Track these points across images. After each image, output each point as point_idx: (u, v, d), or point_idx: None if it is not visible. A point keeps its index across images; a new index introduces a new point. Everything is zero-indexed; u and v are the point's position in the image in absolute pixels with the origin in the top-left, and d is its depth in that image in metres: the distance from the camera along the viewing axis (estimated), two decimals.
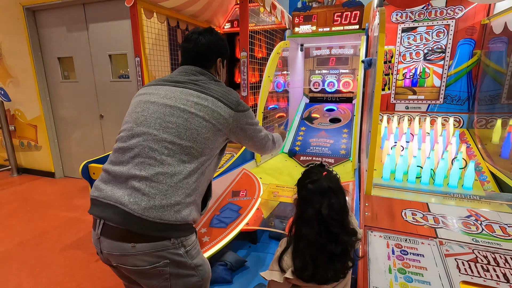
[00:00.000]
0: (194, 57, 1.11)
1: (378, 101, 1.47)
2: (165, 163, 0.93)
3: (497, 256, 1.04)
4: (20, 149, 4.41)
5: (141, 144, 0.94)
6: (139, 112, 1.01)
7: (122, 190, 0.91)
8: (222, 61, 1.19)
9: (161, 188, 0.91)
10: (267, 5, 2.45)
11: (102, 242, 0.93)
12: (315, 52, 3.54)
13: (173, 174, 0.93)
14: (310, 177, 0.97)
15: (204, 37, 1.11)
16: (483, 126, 2.30)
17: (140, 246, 0.89)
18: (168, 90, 1.03)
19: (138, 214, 0.87)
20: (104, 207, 0.91)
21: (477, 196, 1.52)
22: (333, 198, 0.91)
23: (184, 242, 0.95)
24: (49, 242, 2.55)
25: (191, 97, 1.01)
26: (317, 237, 0.89)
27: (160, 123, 0.96)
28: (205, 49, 1.11)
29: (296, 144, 3.07)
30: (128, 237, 0.89)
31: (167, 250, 0.91)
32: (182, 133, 0.96)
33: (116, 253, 0.92)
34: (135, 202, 0.88)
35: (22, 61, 3.91)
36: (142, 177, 0.91)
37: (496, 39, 2.22)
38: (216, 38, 1.14)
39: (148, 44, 2.70)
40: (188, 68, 1.10)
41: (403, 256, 1.08)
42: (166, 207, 0.90)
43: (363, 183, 1.60)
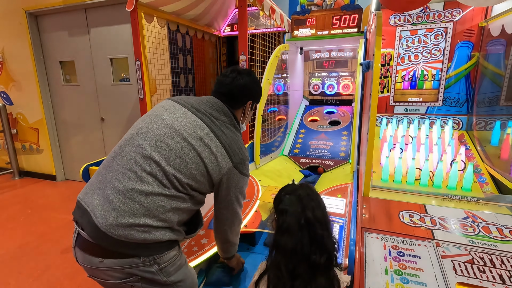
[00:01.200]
0: (227, 94, 1.09)
1: (375, 103, 1.48)
2: (143, 180, 0.89)
3: (493, 257, 1.04)
4: (21, 152, 4.43)
5: (130, 155, 0.93)
6: (147, 123, 1.00)
7: (99, 198, 0.89)
8: (252, 104, 1.18)
9: (132, 206, 0.87)
10: (266, 9, 2.47)
11: (76, 252, 0.94)
12: (315, 55, 3.56)
13: (148, 194, 0.88)
14: (285, 190, 0.97)
15: (242, 78, 1.11)
16: (482, 128, 2.30)
17: (107, 262, 0.87)
18: (183, 114, 1.01)
19: (104, 229, 0.84)
20: (82, 212, 0.90)
21: (475, 198, 1.52)
22: (313, 202, 0.90)
23: (157, 260, 0.91)
24: (49, 245, 2.56)
25: (198, 130, 0.98)
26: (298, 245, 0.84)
27: (156, 141, 0.94)
28: (240, 89, 1.10)
29: (296, 147, 3.07)
30: (97, 251, 0.87)
31: (137, 267, 0.88)
32: (171, 159, 0.93)
33: (87, 266, 0.91)
34: (104, 215, 0.85)
35: (24, 65, 3.95)
36: (118, 189, 0.88)
37: (494, 41, 2.23)
38: (253, 82, 1.15)
39: (149, 48, 2.73)
40: (217, 103, 1.07)
41: (400, 258, 1.08)
42: (134, 226, 0.85)
43: (361, 185, 1.61)
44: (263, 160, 2.65)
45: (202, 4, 3.01)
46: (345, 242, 1.33)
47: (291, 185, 1.00)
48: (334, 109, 3.43)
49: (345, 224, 1.47)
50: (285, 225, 0.88)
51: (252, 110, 1.21)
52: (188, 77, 3.51)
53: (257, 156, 2.54)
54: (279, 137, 3.11)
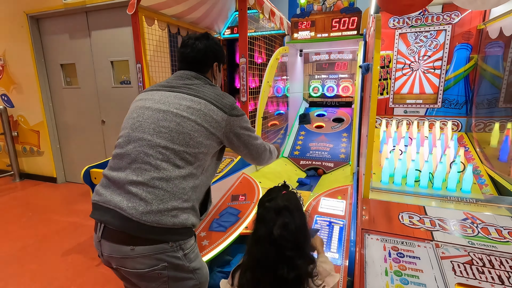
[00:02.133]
0: (191, 62, 1.13)
1: (374, 106, 1.50)
2: (160, 168, 0.94)
3: (492, 258, 1.05)
4: (22, 155, 4.45)
5: (137, 150, 0.96)
6: (135, 118, 1.03)
7: (121, 195, 0.92)
8: (219, 66, 1.21)
9: (158, 193, 0.92)
10: (266, 12, 2.49)
11: (103, 245, 0.95)
12: (314, 57, 3.58)
13: (168, 179, 0.94)
14: (270, 194, 0.95)
15: (200, 42, 1.13)
16: (481, 129, 2.31)
17: (139, 249, 0.90)
18: (163, 95, 1.05)
19: (136, 218, 0.88)
20: (104, 211, 0.93)
21: (474, 199, 1.53)
22: (287, 218, 0.84)
23: (182, 246, 0.96)
24: (50, 247, 2.56)
25: (183, 101, 1.02)
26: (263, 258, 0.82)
27: (154, 128, 0.98)
28: (202, 54, 1.13)
29: (296, 149, 3.08)
30: (127, 240, 0.91)
31: (165, 253, 0.93)
32: (175, 138, 0.97)
33: (116, 256, 0.93)
34: (133, 207, 0.89)
35: (25, 68, 3.97)
36: (139, 182, 0.92)
37: (493, 43, 2.24)
38: (213, 43, 1.16)
39: (149, 50, 2.75)
40: (183, 73, 1.12)
41: (400, 259, 1.09)
42: (163, 211, 0.91)
43: (361, 186, 1.62)
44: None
45: (202, 7, 3.04)
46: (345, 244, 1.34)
47: (276, 190, 0.98)
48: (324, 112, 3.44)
49: (345, 226, 1.48)
50: (257, 233, 0.87)
51: (220, 71, 1.24)
52: None
53: None
54: (279, 139, 3.12)
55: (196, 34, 1.17)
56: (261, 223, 0.88)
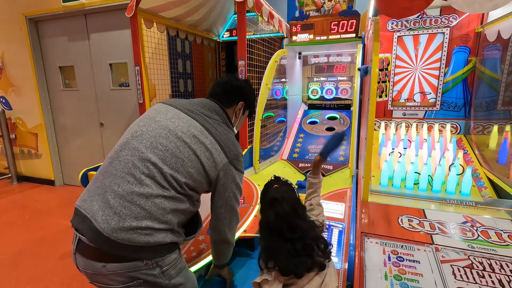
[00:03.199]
0: (219, 93, 1.13)
1: (373, 108, 1.49)
2: (142, 183, 0.89)
3: (492, 262, 1.04)
4: (20, 157, 4.42)
5: (127, 159, 0.93)
6: (141, 126, 1.00)
7: (99, 204, 0.89)
8: (244, 108, 1.19)
9: (133, 209, 0.87)
10: (265, 15, 2.49)
11: (77, 258, 0.93)
12: (313, 60, 3.58)
13: (148, 196, 0.89)
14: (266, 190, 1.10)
15: (237, 80, 1.17)
16: (480, 132, 2.31)
17: (110, 266, 0.87)
18: (176, 115, 1.02)
19: (107, 234, 0.84)
20: (82, 218, 0.90)
21: (473, 202, 1.52)
22: (277, 207, 0.97)
23: (159, 262, 0.91)
24: (47, 250, 2.54)
25: (192, 129, 0.99)
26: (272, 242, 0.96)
27: (152, 142, 0.95)
28: (233, 88, 1.15)
29: (295, 151, 3.08)
30: (99, 256, 0.87)
31: (139, 270, 0.89)
32: (168, 158, 0.93)
33: (89, 271, 0.91)
34: (105, 220, 0.85)
35: (24, 70, 3.96)
36: (118, 194, 0.88)
37: (491, 46, 2.25)
38: (247, 85, 1.20)
39: (148, 53, 2.75)
40: (208, 102, 1.10)
41: (399, 263, 1.08)
42: (136, 229, 0.86)
43: (360, 189, 1.61)
44: (262, 165, 2.66)
45: (201, 10, 3.04)
46: (344, 247, 1.33)
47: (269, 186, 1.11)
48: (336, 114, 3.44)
49: (345, 229, 1.47)
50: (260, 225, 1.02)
51: (244, 114, 1.22)
52: (188, 82, 3.53)
53: (256, 161, 2.54)
54: (278, 141, 3.12)
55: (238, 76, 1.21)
56: (262, 215, 1.03)
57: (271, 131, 2.91)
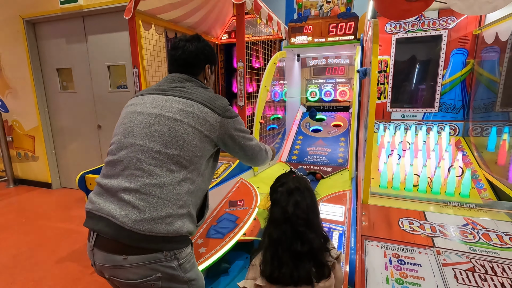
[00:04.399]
0: (182, 65, 1.10)
1: (373, 110, 1.49)
2: (153, 173, 0.91)
3: (494, 265, 1.03)
4: (17, 160, 4.39)
5: (129, 156, 0.93)
6: (127, 123, 1.00)
7: (114, 203, 0.90)
8: (210, 67, 1.18)
9: (151, 200, 0.89)
10: (263, 17, 2.49)
11: (96, 254, 0.93)
12: (312, 62, 3.58)
13: (162, 185, 0.91)
14: (280, 180, 1.03)
15: (191, 44, 1.10)
16: (479, 134, 2.31)
17: (131, 259, 0.88)
18: (154, 99, 1.02)
19: (129, 227, 0.86)
20: (97, 219, 0.91)
21: (473, 205, 1.52)
22: (299, 196, 0.93)
23: (177, 255, 0.93)
24: (44, 254, 2.51)
25: (176, 104, 0.99)
26: (281, 236, 0.90)
27: (146, 133, 0.95)
28: (193, 56, 1.10)
29: (294, 153, 3.07)
30: (120, 249, 0.88)
31: (159, 262, 0.90)
32: (168, 141, 0.94)
33: (108, 265, 0.91)
34: (125, 215, 0.87)
35: (21, 72, 3.93)
36: (132, 189, 0.89)
37: (488, 48, 2.26)
38: (204, 45, 1.13)
39: (146, 55, 2.73)
40: (175, 75, 1.10)
41: (401, 266, 1.07)
42: (157, 219, 0.88)
43: (360, 192, 1.60)
44: (261, 168, 2.65)
45: (199, 12, 3.04)
46: (345, 250, 1.32)
47: (286, 175, 1.05)
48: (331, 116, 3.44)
49: (345, 232, 1.46)
50: (273, 216, 0.95)
51: (212, 73, 1.21)
52: None
53: None
54: (277, 143, 3.11)
55: (187, 36, 1.14)
56: (276, 206, 0.96)
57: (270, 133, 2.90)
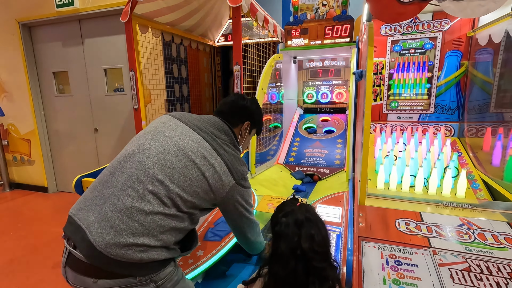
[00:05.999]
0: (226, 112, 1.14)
1: (368, 112, 1.50)
2: (144, 199, 0.87)
3: (490, 264, 1.04)
4: (12, 164, 4.35)
5: (131, 172, 0.91)
6: (149, 139, 0.99)
7: (96, 215, 0.87)
8: (250, 127, 1.20)
9: (132, 225, 0.85)
10: (260, 20, 2.50)
11: (67, 272, 0.90)
12: (308, 64, 3.60)
13: (148, 213, 0.87)
14: (283, 209, 0.91)
15: (244, 100, 1.18)
16: (474, 134, 2.34)
17: (101, 282, 0.84)
18: (185, 132, 1.01)
19: (100, 249, 0.82)
20: (76, 228, 0.87)
21: (469, 205, 1.53)
22: (313, 229, 0.82)
23: (153, 278, 0.89)
24: (40, 259, 2.49)
25: (202, 149, 0.98)
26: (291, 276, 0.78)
27: (160, 158, 0.93)
28: (240, 108, 1.16)
29: (291, 155, 3.08)
30: (90, 271, 0.85)
31: (132, 287, 0.86)
32: (175, 177, 0.92)
33: (79, 287, 0.88)
34: (100, 233, 0.83)
35: (16, 76, 3.92)
36: (117, 207, 0.86)
37: (482, 50, 2.29)
38: (255, 106, 1.21)
39: (143, 58, 2.74)
40: (217, 121, 1.09)
41: (397, 267, 1.08)
42: (131, 246, 0.84)
43: (357, 193, 1.61)
44: (258, 169, 2.65)
45: (196, 15, 3.05)
46: (342, 252, 1.32)
47: (290, 204, 0.95)
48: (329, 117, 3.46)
49: (342, 233, 1.47)
50: (279, 251, 0.82)
51: (250, 133, 1.23)
52: (183, 87, 3.52)
53: (253, 165, 2.53)
54: (274, 145, 3.12)
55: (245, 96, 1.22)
56: (281, 240, 0.83)
57: (267, 135, 2.91)
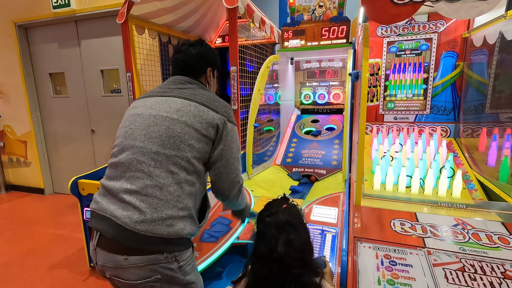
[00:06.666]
0: (184, 67, 1.12)
1: (364, 113, 1.51)
2: (152, 175, 0.92)
3: (483, 264, 1.05)
4: (9, 166, 4.33)
5: (130, 158, 0.95)
6: (128, 126, 1.01)
7: (116, 204, 0.92)
8: (213, 71, 1.19)
9: (151, 201, 0.90)
10: (256, 21, 2.51)
11: (98, 253, 0.94)
12: (305, 65, 3.61)
13: (161, 187, 0.91)
14: (269, 209, 0.90)
15: (194, 48, 1.12)
16: (469, 135, 2.35)
17: (132, 259, 0.89)
18: (154, 101, 1.03)
19: (130, 227, 0.87)
20: (100, 219, 0.93)
21: (464, 205, 1.54)
22: (292, 234, 0.80)
23: (177, 257, 0.94)
24: (36, 261, 2.47)
25: (174, 104, 1.00)
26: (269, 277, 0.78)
27: (145, 134, 0.96)
28: (195, 59, 1.12)
29: (288, 156, 3.08)
30: (121, 249, 0.89)
31: (159, 264, 0.90)
32: (165, 142, 0.94)
33: (110, 265, 0.92)
34: (127, 215, 0.88)
35: (13, 77, 3.90)
36: (133, 190, 0.91)
37: (477, 51, 2.30)
38: (206, 49, 1.15)
39: (140, 59, 2.73)
40: (176, 78, 1.11)
41: (392, 267, 1.08)
42: (158, 220, 0.89)
43: (353, 194, 1.61)
44: (255, 170, 2.65)
45: (193, 16, 3.05)
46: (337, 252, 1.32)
47: (276, 204, 0.94)
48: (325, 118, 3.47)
49: (338, 234, 1.47)
50: (259, 251, 0.83)
51: (214, 77, 1.21)
52: None
53: (249, 166, 2.53)
54: (271, 146, 3.12)
55: (190, 40, 1.17)
56: (262, 240, 0.84)
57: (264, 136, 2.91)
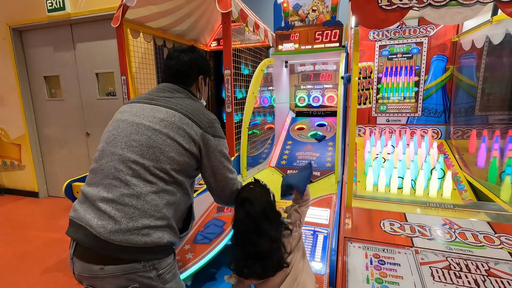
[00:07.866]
0: (174, 74, 1.10)
1: (354, 115, 1.54)
2: (130, 183, 0.90)
3: (469, 263, 1.08)
4: (2, 169, 4.30)
5: (109, 165, 0.93)
6: (111, 131, 1.00)
7: (93, 212, 0.90)
8: (204, 79, 1.17)
9: (127, 210, 0.88)
10: (250, 25, 2.54)
11: (75, 263, 0.93)
12: (300, 69, 3.65)
13: (139, 196, 0.89)
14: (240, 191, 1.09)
15: (186, 55, 1.10)
16: (460, 137, 2.39)
17: (108, 268, 0.87)
18: (140, 108, 1.01)
19: (104, 238, 0.85)
20: (77, 227, 0.91)
21: (452, 205, 1.57)
22: (248, 207, 0.98)
23: (156, 265, 0.92)
24: (30, 265, 2.46)
25: (158, 114, 0.98)
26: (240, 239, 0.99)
27: (126, 142, 0.95)
28: (187, 66, 1.10)
29: (283, 158, 3.10)
30: (97, 259, 0.88)
31: (137, 272, 0.89)
32: (145, 152, 0.93)
33: (86, 275, 0.90)
34: (102, 225, 0.86)
35: (7, 80, 3.89)
36: (109, 199, 0.89)
37: (466, 55, 2.35)
38: (198, 56, 1.14)
39: (135, 62, 2.75)
40: (166, 85, 1.09)
41: (381, 266, 1.11)
42: (133, 230, 0.87)
43: (345, 195, 1.64)
44: (250, 172, 2.66)
45: (188, 20, 3.08)
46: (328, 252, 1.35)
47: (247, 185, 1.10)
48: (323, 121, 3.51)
49: (329, 235, 1.49)
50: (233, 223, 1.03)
51: (205, 85, 1.20)
52: None
53: (244, 168, 2.55)
54: (266, 148, 3.14)
55: (182, 46, 1.15)
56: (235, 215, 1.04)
57: (259, 138, 2.93)
